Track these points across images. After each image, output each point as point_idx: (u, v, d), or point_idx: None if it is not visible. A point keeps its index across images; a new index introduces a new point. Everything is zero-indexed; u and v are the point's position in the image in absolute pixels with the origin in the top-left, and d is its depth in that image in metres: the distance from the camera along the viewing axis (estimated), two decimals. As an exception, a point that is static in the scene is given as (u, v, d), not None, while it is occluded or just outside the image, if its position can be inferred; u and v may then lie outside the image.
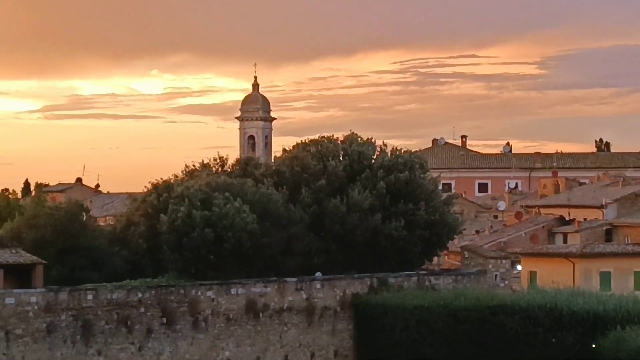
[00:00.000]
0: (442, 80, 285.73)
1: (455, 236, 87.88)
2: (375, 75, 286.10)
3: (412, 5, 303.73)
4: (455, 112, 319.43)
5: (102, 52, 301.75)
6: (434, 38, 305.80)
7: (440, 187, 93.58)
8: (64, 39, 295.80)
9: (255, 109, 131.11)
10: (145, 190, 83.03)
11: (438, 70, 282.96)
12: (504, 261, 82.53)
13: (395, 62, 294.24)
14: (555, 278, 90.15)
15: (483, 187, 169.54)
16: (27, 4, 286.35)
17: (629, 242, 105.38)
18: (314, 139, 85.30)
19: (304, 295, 68.72)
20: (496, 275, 79.62)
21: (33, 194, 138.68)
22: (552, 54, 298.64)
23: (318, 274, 72.60)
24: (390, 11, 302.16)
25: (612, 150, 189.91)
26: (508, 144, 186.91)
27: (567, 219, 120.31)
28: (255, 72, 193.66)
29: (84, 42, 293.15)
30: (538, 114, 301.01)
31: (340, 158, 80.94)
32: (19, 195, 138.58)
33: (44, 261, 66.49)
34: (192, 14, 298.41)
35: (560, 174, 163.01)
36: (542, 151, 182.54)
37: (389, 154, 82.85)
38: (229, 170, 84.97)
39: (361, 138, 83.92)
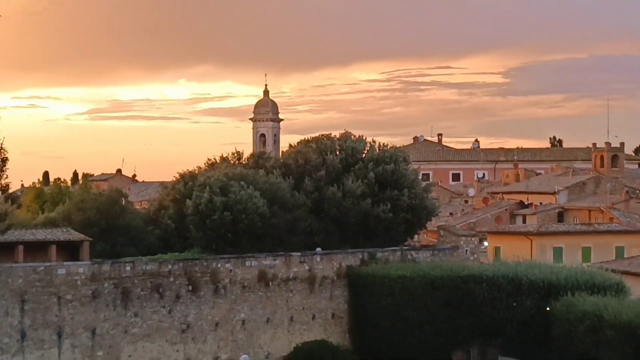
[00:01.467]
0: (422, 87, 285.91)
1: (432, 218, 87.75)
2: (366, 84, 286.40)
3: (397, 24, 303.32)
4: (432, 114, 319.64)
5: (138, 64, 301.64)
6: (415, 52, 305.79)
7: (420, 177, 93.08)
8: (106, 53, 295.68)
9: (266, 112, 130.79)
10: (174, 179, 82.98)
11: (418, 79, 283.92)
12: (473, 238, 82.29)
13: (382, 72, 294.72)
14: (516, 252, 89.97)
15: (456, 177, 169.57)
16: (76, 23, 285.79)
17: (577, 222, 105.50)
18: (315, 137, 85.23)
19: (307, 267, 68.62)
20: (467, 250, 79.33)
21: (80, 182, 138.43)
22: (513, 65, 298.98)
23: (318, 249, 72.51)
24: (379, 29, 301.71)
25: (564, 146, 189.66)
26: (476, 140, 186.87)
27: (525, 203, 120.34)
28: (265, 80, 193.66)
29: (123, 56, 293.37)
30: (502, 115, 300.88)
31: (337, 152, 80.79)
32: (69, 183, 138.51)
33: (89, 238, 66.36)
34: (214, 32, 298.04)
35: (520, 165, 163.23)
36: (505, 147, 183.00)
37: (377, 149, 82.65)
38: (243, 162, 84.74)
39: (354, 136, 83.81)
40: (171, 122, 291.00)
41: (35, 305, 58.10)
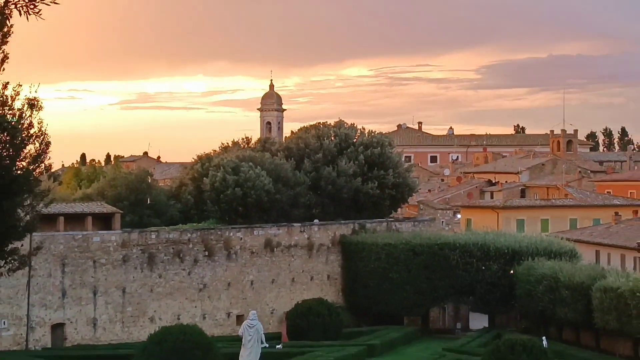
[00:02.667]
0: (405, 82, 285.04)
1: (413, 194, 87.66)
2: (357, 79, 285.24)
3: (383, 28, 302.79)
4: (413, 105, 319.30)
5: (162, 60, 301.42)
6: (399, 52, 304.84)
7: (402, 159, 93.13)
8: (135, 52, 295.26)
9: (271, 103, 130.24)
10: (193, 160, 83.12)
11: (402, 75, 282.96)
12: (448, 212, 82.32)
13: (371, 69, 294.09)
14: (485, 224, 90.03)
15: (433, 159, 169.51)
16: (108, 26, 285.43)
17: (537, 198, 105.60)
18: (313, 124, 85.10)
19: (306, 236, 68.57)
20: (442, 222, 79.28)
21: (112, 163, 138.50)
22: (483, 63, 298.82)
23: (316, 220, 72.47)
24: (368, 32, 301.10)
25: (526, 132, 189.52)
26: (451, 128, 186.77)
27: (493, 181, 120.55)
28: (271, 76, 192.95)
29: (149, 54, 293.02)
30: (473, 106, 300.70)
31: (332, 138, 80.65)
32: (103, 164, 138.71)
33: (120, 211, 66.30)
34: (227, 34, 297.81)
35: (489, 149, 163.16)
36: (475, 133, 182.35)
37: (367, 135, 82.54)
38: (252, 146, 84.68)
39: (347, 124, 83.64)
40: (190, 112, 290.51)
41: (74, 267, 58.15)
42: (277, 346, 48.24)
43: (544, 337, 53.51)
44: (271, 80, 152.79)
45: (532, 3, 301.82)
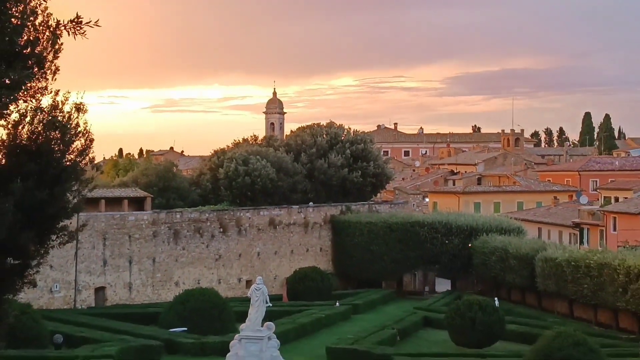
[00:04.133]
0: (383, 90, 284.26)
1: (390, 181, 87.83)
2: (345, 87, 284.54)
3: (366, 46, 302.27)
4: (390, 109, 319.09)
5: (185, 72, 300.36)
6: (379, 66, 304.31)
7: (381, 153, 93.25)
8: (163, 65, 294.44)
9: (274, 107, 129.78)
10: (210, 154, 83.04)
11: (381, 84, 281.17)
12: (418, 196, 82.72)
13: (356, 80, 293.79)
14: (448, 206, 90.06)
15: (406, 153, 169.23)
16: (141, 43, 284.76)
17: (491, 185, 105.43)
18: (308, 125, 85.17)
19: (303, 216, 68.57)
20: (414, 204, 79.53)
21: (144, 156, 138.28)
22: (447, 75, 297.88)
23: (310, 203, 72.44)
24: (354, 49, 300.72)
25: (482, 131, 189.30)
26: (421, 128, 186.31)
27: (454, 171, 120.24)
28: (274, 85, 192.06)
29: (174, 67, 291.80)
30: (438, 110, 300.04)
31: (324, 136, 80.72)
32: (136, 157, 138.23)
33: (151, 195, 66.11)
34: (238, 51, 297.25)
35: (451, 145, 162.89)
36: (441, 132, 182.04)
37: (352, 134, 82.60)
38: (259, 143, 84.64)
39: (336, 124, 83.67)
40: (208, 114, 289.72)
41: (112, 241, 58.09)
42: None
43: (495, 298, 53.60)
44: (274, 88, 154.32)
45: (488, 25, 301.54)
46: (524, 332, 47.24)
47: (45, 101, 17.08)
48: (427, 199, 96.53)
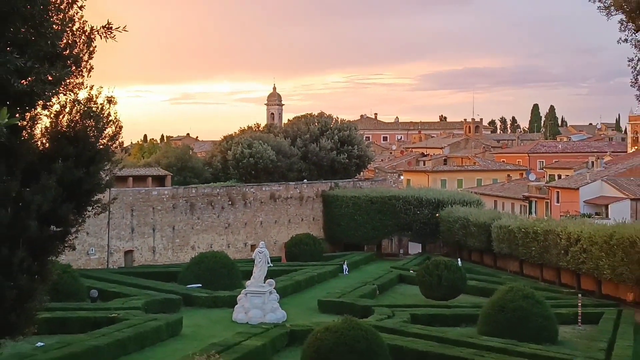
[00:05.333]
0: (366, 85, 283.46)
1: (371, 162, 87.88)
2: (334, 83, 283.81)
3: (352, 48, 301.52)
4: (371, 102, 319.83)
5: (200, 70, 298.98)
6: (362, 65, 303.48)
7: (364, 139, 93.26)
8: (180, 63, 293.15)
9: (274, 100, 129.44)
10: (221, 139, 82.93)
11: (363, 80, 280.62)
12: (394, 174, 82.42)
13: (344, 76, 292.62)
14: (419, 183, 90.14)
15: (385, 139, 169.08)
16: (161, 44, 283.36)
17: (454, 165, 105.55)
18: (303, 115, 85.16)
19: (298, 191, 68.52)
20: (391, 181, 79.33)
21: (165, 140, 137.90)
22: (420, 73, 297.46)
23: (305, 180, 72.47)
24: (342, 51, 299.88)
25: (448, 120, 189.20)
26: (397, 117, 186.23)
27: (425, 154, 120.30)
28: (274, 81, 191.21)
29: (190, 65, 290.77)
30: (412, 102, 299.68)
31: (316, 124, 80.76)
32: (158, 141, 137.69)
33: (170, 174, 66.18)
34: (245, 51, 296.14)
35: (422, 132, 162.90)
36: (413, 121, 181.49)
37: (339, 122, 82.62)
38: (261, 130, 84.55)
39: (326, 114, 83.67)
40: (219, 106, 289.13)
41: (139, 212, 58.06)
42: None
43: (459, 259, 53.90)
44: (274, 84, 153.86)
45: (454, 31, 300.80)
46: (483, 287, 47.55)
47: (82, 95, 17.09)
48: (402, 177, 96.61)
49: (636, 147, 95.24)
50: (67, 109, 17.16)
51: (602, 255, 46.49)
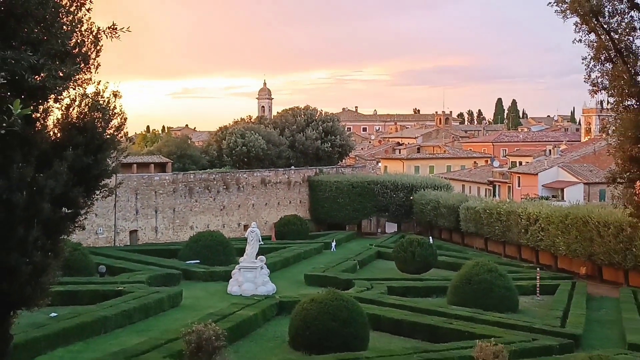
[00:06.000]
0: (347, 82, 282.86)
1: (352, 151, 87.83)
2: (319, 79, 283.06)
3: (335, 48, 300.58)
4: (352, 97, 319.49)
5: (198, 68, 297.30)
6: (344, 63, 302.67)
7: (345, 129, 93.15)
8: (180, 61, 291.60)
9: (265, 94, 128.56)
10: (216, 129, 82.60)
11: (345, 77, 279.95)
12: (373, 161, 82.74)
13: (328, 73, 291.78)
14: (395, 169, 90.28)
15: (364, 129, 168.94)
16: (164, 44, 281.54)
17: (427, 153, 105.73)
18: (291, 108, 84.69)
19: (286, 176, 68.39)
20: (370, 168, 79.54)
21: (166, 131, 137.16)
22: (396, 70, 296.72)
23: (292, 167, 72.34)
24: (326, 50, 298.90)
25: (421, 113, 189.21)
26: (375, 110, 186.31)
27: (400, 143, 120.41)
28: (264, 77, 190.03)
29: (189, 64, 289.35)
30: (389, 97, 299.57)
31: (302, 116, 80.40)
32: (160, 132, 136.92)
33: (171, 161, 65.92)
34: (238, 51, 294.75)
35: (398, 123, 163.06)
36: (390, 113, 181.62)
37: (323, 114, 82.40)
38: (253, 121, 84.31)
39: (311, 107, 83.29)
40: (215, 100, 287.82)
41: (142, 195, 57.86)
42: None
43: (430, 237, 54.10)
44: (264, 80, 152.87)
45: (426, 32, 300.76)
46: (451, 262, 47.78)
47: (90, 89, 17.00)
48: (379, 164, 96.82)
49: (589, 137, 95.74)
50: (77, 102, 17.07)
51: (558, 234, 46.89)
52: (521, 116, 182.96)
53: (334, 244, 56.90)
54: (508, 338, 26.92)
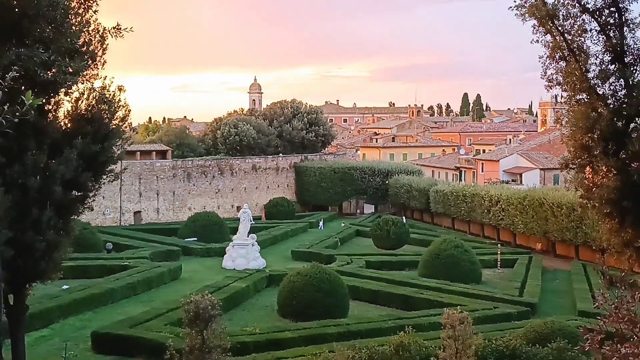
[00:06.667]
0: (329, 78, 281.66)
1: (334, 140, 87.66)
2: (304, 76, 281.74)
3: (318, 47, 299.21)
4: (335, 91, 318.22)
5: (196, 65, 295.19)
6: (327, 60, 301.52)
7: (328, 121, 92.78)
8: (180, 58, 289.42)
9: (255, 89, 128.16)
10: (212, 120, 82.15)
11: (327, 74, 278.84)
12: (353, 149, 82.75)
13: (312, 70, 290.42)
14: (373, 157, 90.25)
15: (345, 121, 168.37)
16: (164, 42, 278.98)
17: (401, 142, 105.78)
18: (279, 101, 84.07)
19: (275, 163, 68.19)
20: (350, 155, 79.56)
21: (166, 122, 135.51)
22: (374, 67, 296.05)
23: (280, 154, 72.06)
24: (311, 49, 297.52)
25: (396, 106, 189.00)
26: (355, 104, 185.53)
27: (377, 133, 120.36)
28: (255, 73, 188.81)
29: (189, 59, 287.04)
30: (367, 92, 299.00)
31: (289, 109, 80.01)
32: (161, 122, 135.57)
33: (171, 148, 65.45)
34: (232, 49, 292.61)
35: (375, 115, 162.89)
36: (368, 106, 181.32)
37: (308, 107, 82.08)
38: (245, 113, 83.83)
39: (297, 101, 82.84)
40: (211, 94, 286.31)
41: (145, 180, 57.52)
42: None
43: (403, 217, 54.28)
44: (255, 76, 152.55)
45: (401, 32, 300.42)
46: (422, 239, 48.03)
47: (97, 84, 16.88)
48: (358, 152, 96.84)
49: (545, 128, 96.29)
50: (85, 96, 16.95)
51: (516, 214, 47.26)
52: (485, 109, 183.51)
53: (321, 223, 57.02)
54: (472, 306, 27.20)
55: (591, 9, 14.69)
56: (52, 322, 26.05)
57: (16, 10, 13.74)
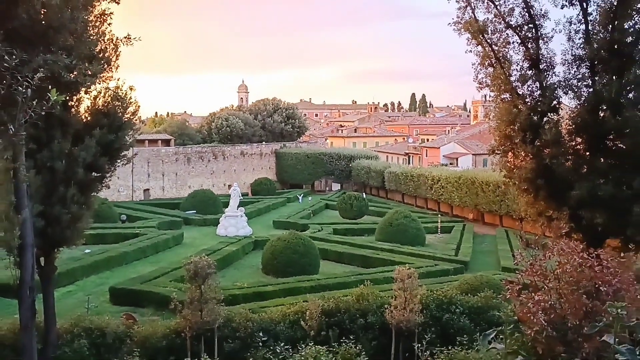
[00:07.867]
0: (304, 79, 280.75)
1: (307, 131, 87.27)
2: (283, 79, 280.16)
3: (295, 53, 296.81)
4: (308, 91, 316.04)
5: (194, 65, 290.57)
6: (302, 65, 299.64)
7: (302, 115, 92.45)
8: (180, 61, 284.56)
9: (243, 89, 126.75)
10: (208, 115, 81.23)
11: (303, 76, 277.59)
12: (323, 139, 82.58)
13: (289, 72, 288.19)
14: (339, 144, 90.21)
15: (316, 115, 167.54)
16: (167, 48, 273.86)
17: (362, 132, 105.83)
18: (262, 99, 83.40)
19: (259, 149, 67.75)
20: (320, 143, 79.34)
21: (169, 116, 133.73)
22: (340, 73, 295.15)
23: (263, 143, 71.60)
24: (289, 54, 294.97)
25: (357, 103, 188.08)
26: (324, 101, 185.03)
27: (342, 125, 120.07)
28: (243, 78, 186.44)
29: (186, 64, 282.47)
30: (337, 90, 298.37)
31: (271, 105, 79.56)
32: (165, 116, 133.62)
33: (173, 137, 64.75)
34: (223, 53, 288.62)
35: (341, 111, 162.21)
36: (336, 104, 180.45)
37: (286, 104, 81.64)
38: (234, 109, 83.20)
39: (277, 99, 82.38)
40: (206, 92, 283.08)
41: (152, 163, 56.82)
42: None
43: (363, 193, 54.53)
44: (242, 78, 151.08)
45: (360, 43, 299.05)
46: (379, 211, 48.36)
47: (112, 84, 16.65)
48: (327, 140, 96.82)
49: (476, 121, 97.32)
50: (102, 94, 16.70)
51: (453, 190, 47.86)
52: (429, 106, 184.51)
53: (300, 197, 56.93)
54: (418, 264, 27.59)
55: (514, 25, 14.89)
56: (77, 280, 25.84)
57: (43, 22, 13.56)
